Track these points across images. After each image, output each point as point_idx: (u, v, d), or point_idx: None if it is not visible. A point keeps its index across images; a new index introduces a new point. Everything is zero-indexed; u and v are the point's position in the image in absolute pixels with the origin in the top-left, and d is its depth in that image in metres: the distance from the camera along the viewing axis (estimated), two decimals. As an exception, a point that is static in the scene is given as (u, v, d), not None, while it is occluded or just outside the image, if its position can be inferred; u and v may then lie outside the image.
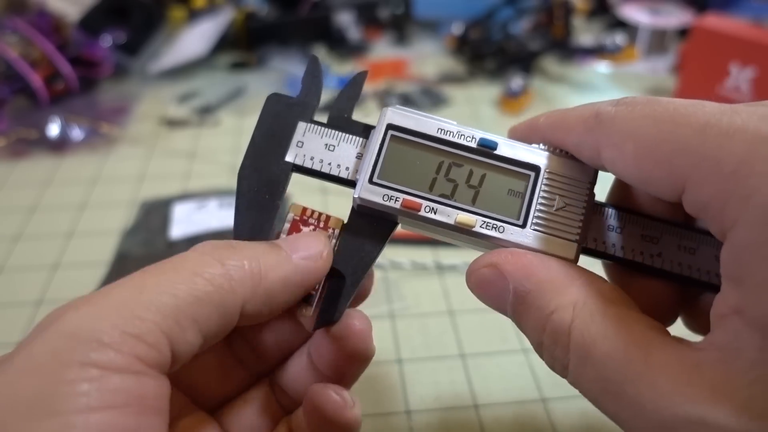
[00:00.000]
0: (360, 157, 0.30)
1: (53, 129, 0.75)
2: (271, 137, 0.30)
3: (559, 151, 0.29)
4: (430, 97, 0.85)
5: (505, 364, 0.47)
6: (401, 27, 1.03)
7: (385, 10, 1.04)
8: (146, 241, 0.60)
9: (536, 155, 0.29)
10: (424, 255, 0.57)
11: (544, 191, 0.29)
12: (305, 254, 0.27)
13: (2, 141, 0.74)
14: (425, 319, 0.51)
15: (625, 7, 0.99)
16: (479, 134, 0.29)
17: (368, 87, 0.86)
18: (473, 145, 0.29)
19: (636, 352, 0.22)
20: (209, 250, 0.24)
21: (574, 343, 0.23)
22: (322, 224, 0.30)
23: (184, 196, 0.66)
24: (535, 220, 0.28)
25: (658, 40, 0.96)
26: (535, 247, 0.28)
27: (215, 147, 0.76)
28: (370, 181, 0.29)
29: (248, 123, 0.80)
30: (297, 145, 0.30)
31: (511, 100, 0.82)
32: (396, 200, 0.28)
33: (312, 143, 0.30)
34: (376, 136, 0.29)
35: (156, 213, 0.64)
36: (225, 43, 0.96)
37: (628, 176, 0.25)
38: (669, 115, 0.23)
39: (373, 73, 0.93)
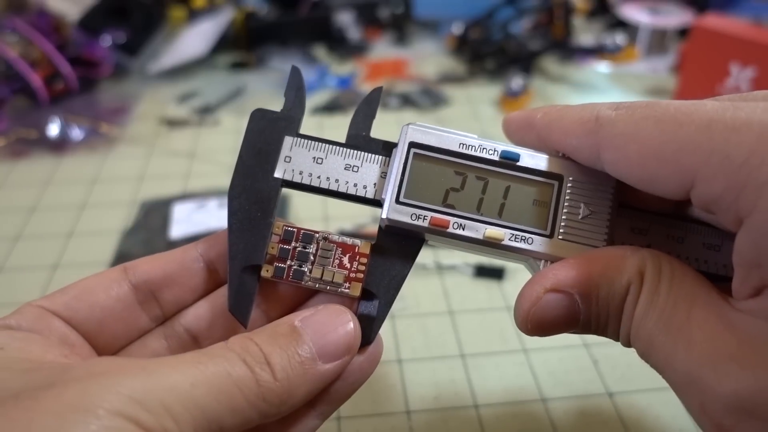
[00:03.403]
0: (384, 176, 0.30)
1: (53, 129, 0.75)
2: (258, 154, 0.30)
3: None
4: (430, 97, 0.85)
5: (505, 364, 0.47)
6: (401, 27, 1.03)
7: (385, 10, 1.04)
8: (146, 241, 0.60)
9: (558, 164, 0.29)
10: (424, 255, 0.57)
11: (569, 199, 0.29)
12: (333, 351, 0.26)
13: (2, 141, 0.74)
14: (425, 319, 0.51)
15: (625, 7, 0.99)
16: (501, 147, 0.29)
17: (368, 87, 0.86)
18: (495, 158, 0.29)
19: (682, 307, 0.24)
20: (250, 361, 0.24)
21: (639, 308, 0.25)
22: (350, 254, 0.29)
23: (184, 196, 0.66)
24: (562, 230, 0.28)
25: (658, 40, 0.96)
26: (564, 257, 0.28)
27: (215, 147, 0.76)
28: (397, 201, 0.28)
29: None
30: (285, 161, 0.30)
31: (511, 100, 0.82)
32: (424, 219, 0.28)
33: (300, 157, 0.30)
34: (399, 156, 0.29)
35: (156, 213, 0.64)
36: (225, 43, 0.96)
37: (631, 177, 0.25)
38: (671, 115, 0.23)
39: (373, 73, 0.93)
